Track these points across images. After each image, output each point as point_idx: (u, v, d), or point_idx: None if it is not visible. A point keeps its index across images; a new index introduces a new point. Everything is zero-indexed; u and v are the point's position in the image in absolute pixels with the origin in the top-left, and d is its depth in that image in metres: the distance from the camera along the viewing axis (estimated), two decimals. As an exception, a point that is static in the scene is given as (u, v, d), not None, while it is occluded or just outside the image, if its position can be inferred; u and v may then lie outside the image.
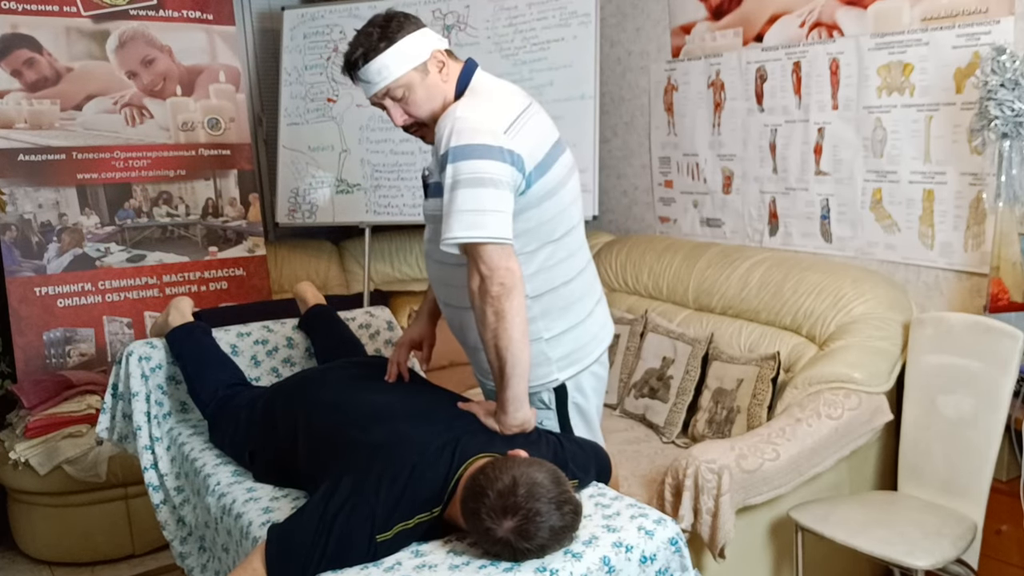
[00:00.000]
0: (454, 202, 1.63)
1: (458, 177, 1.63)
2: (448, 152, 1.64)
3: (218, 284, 3.78)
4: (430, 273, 1.94)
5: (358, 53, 1.75)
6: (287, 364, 2.50)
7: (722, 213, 3.46)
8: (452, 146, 1.64)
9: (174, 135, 3.71)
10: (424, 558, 1.51)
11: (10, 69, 3.38)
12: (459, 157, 1.63)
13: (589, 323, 1.91)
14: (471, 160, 1.63)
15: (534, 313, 1.78)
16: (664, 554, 1.53)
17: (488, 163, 1.64)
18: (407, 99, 1.77)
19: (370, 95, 1.80)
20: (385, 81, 1.75)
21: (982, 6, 2.48)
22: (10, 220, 3.36)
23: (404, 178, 3.81)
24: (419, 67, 1.76)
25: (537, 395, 1.86)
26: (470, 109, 1.70)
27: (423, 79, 1.76)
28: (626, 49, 3.77)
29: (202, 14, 3.76)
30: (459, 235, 1.62)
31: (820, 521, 2.20)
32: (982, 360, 2.29)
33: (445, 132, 1.67)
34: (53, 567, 3.17)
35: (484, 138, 1.65)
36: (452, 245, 1.65)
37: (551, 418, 1.88)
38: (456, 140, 1.64)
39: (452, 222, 1.63)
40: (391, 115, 1.81)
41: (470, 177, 1.63)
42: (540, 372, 1.83)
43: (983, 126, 2.34)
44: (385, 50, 1.73)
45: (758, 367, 2.65)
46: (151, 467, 2.27)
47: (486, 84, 1.82)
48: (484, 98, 1.76)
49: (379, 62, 1.74)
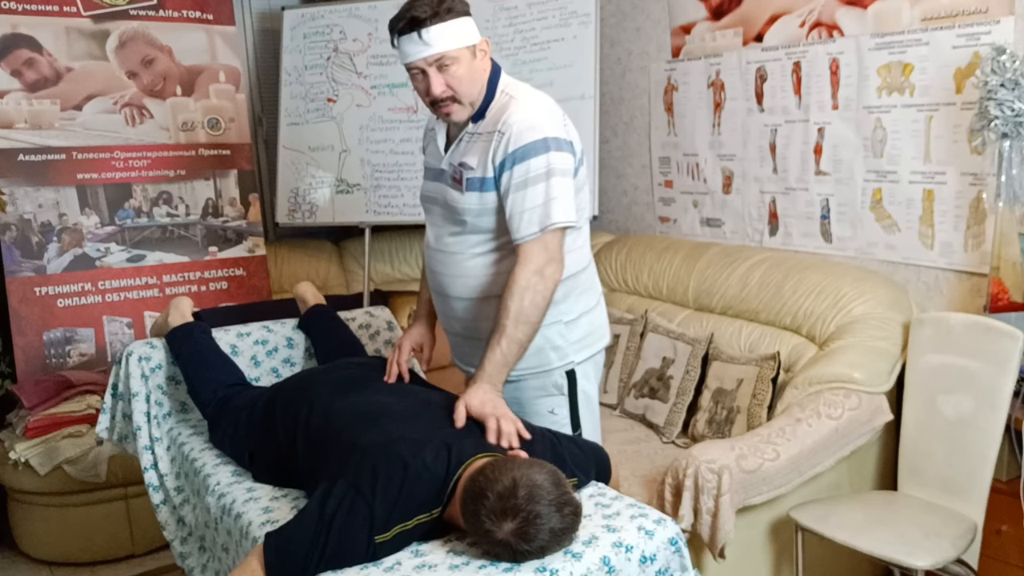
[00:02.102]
0: (536, 195, 1.76)
1: (530, 174, 1.76)
2: (518, 150, 1.76)
3: (218, 284, 3.78)
4: (447, 269, 1.95)
5: (426, 11, 1.75)
6: (287, 364, 2.50)
7: (722, 213, 3.46)
8: (524, 143, 1.76)
9: (174, 135, 3.71)
10: (424, 558, 1.51)
11: (10, 69, 3.38)
12: (531, 153, 1.76)
13: (598, 311, 2.04)
14: (544, 154, 1.76)
15: (558, 296, 1.85)
16: (664, 554, 1.53)
17: (559, 154, 1.79)
18: (453, 73, 1.80)
19: (420, 57, 1.78)
20: (445, 48, 1.77)
21: (982, 6, 2.48)
22: (10, 220, 3.36)
23: (404, 178, 3.81)
24: (471, 47, 1.82)
25: (551, 379, 1.93)
26: (528, 108, 1.81)
27: (471, 60, 1.82)
28: (626, 49, 3.77)
29: (202, 14, 3.76)
30: (554, 221, 1.75)
31: (820, 521, 2.20)
32: (982, 360, 2.29)
33: (510, 132, 1.78)
34: (53, 567, 3.17)
35: (551, 131, 1.79)
36: (533, 235, 1.75)
37: (563, 405, 1.95)
38: (529, 136, 1.76)
39: (536, 214, 1.75)
40: (431, 83, 1.80)
41: (546, 170, 1.76)
42: (557, 355, 1.92)
43: (983, 126, 2.34)
44: (453, 19, 1.78)
45: (758, 367, 2.65)
46: (151, 467, 2.27)
47: (521, 85, 1.91)
48: (533, 96, 1.87)
49: (447, 27, 1.77)
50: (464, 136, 1.89)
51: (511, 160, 1.77)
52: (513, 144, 1.77)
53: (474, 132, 1.87)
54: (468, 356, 2.03)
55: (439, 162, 1.95)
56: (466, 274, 1.92)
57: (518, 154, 1.77)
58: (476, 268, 1.90)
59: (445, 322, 2.06)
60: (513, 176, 1.77)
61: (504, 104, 1.85)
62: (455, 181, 1.87)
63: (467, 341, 2.01)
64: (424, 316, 2.18)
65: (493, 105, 1.86)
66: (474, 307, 1.93)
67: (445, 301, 2.00)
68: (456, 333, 2.04)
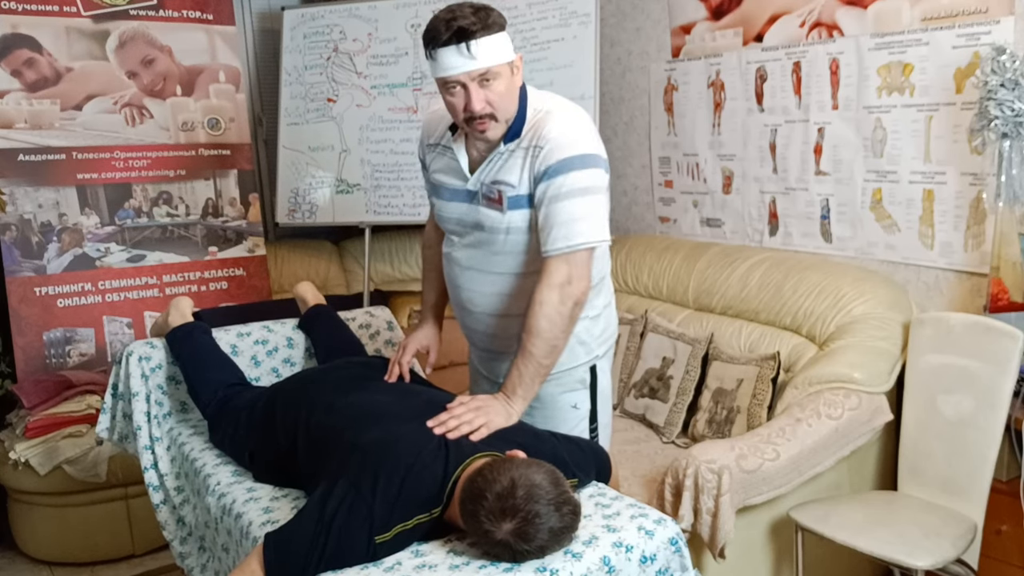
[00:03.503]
0: (568, 210, 1.73)
1: (566, 187, 1.73)
2: (555, 164, 1.73)
3: (218, 284, 3.78)
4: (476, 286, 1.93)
5: (474, 23, 1.67)
6: (287, 364, 2.50)
7: (722, 213, 3.46)
8: (562, 157, 1.73)
9: (174, 135, 3.71)
10: (424, 558, 1.51)
11: (10, 69, 3.38)
12: (568, 168, 1.73)
13: (613, 304, 2.06)
14: (581, 170, 1.74)
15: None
16: (664, 554, 1.53)
17: (595, 171, 1.77)
18: (494, 88, 1.73)
19: (464, 71, 1.69)
20: (491, 62, 1.70)
21: (982, 6, 2.48)
22: (10, 220, 3.36)
23: (404, 178, 3.82)
24: (511, 64, 1.76)
25: (577, 374, 1.95)
26: (566, 122, 1.78)
27: (510, 76, 1.76)
28: (626, 49, 3.77)
29: (202, 14, 3.76)
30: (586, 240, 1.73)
31: (820, 521, 2.20)
32: (982, 360, 2.29)
33: (548, 145, 1.74)
34: (53, 567, 3.17)
35: (588, 147, 1.76)
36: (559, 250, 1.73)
37: (585, 400, 1.97)
38: (568, 151, 1.73)
39: (567, 229, 1.73)
40: (471, 98, 1.71)
41: (582, 186, 1.74)
42: (584, 350, 1.94)
43: (983, 126, 2.34)
44: (497, 32, 1.71)
45: (758, 367, 2.65)
46: (151, 467, 2.27)
47: (554, 98, 1.86)
48: (569, 110, 1.82)
49: (493, 40, 1.70)
50: (496, 156, 1.82)
51: (548, 173, 1.74)
52: (552, 158, 1.73)
53: (509, 151, 1.81)
54: (494, 369, 2.04)
55: (463, 182, 1.88)
56: (499, 292, 1.90)
57: (554, 168, 1.73)
58: (509, 286, 1.89)
59: (469, 336, 2.05)
60: (549, 189, 1.74)
61: (541, 120, 1.79)
62: (493, 201, 1.83)
63: (492, 355, 2.02)
64: (431, 319, 2.18)
65: (528, 124, 1.80)
66: (503, 323, 1.93)
67: (471, 316, 1.98)
68: (482, 348, 2.04)
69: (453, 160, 1.90)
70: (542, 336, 1.73)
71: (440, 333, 2.18)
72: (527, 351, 1.74)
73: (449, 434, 1.64)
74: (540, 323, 1.73)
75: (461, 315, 2.02)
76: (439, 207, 1.96)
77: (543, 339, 1.73)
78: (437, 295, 2.16)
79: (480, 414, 1.69)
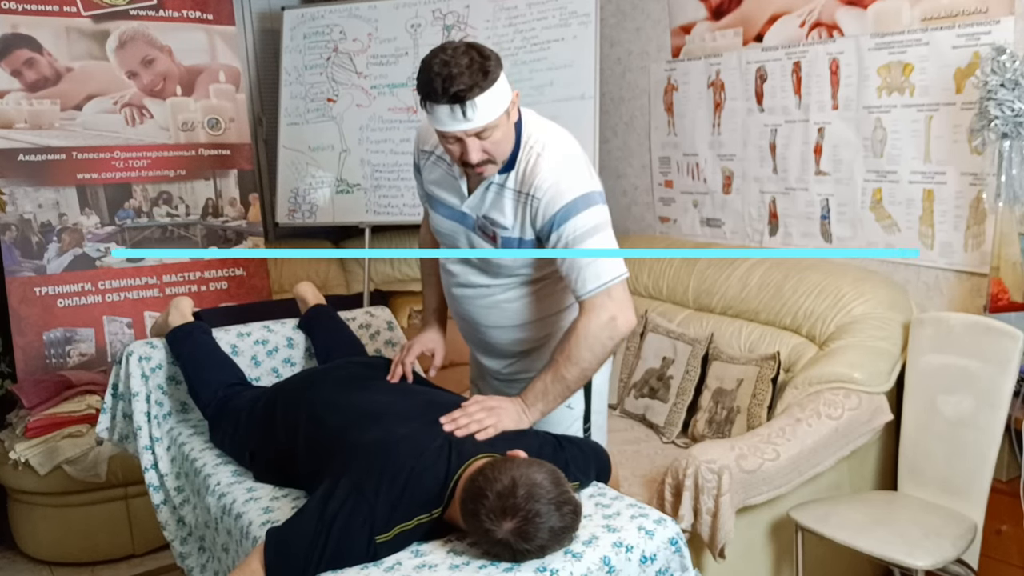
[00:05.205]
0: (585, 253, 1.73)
1: (578, 232, 1.72)
2: (558, 213, 1.72)
3: (218, 284, 3.78)
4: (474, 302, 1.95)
5: (466, 83, 1.62)
6: (287, 364, 2.50)
7: (722, 213, 3.46)
8: (563, 204, 1.72)
9: (174, 135, 3.71)
10: (424, 558, 1.51)
11: (10, 69, 3.38)
12: (572, 212, 1.72)
13: None
14: (585, 211, 1.73)
15: None
16: (664, 554, 1.53)
17: (598, 209, 1.76)
18: (491, 139, 1.70)
19: (459, 129, 1.67)
20: (486, 120, 1.66)
21: (982, 6, 2.48)
22: (10, 220, 3.36)
23: (404, 178, 3.81)
24: (507, 111, 1.71)
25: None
26: (555, 169, 1.75)
27: (507, 122, 1.73)
28: (626, 49, 3.77)
29: (202, 14, 3.76)
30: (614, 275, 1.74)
31: (820, 521, 2.20)
32: (982, 360, 2.29)
33: (545, 197, 1.73)
34: (53, 567, 3.17)
35: (581, 188, 1.74)
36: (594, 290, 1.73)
37: (579, 399, 1.98)
38: (566, 197, 1.72)
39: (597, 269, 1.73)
40: (467, 150, 1.70)
41: (592, 225, 1.74)
42: None
43: (983, 126, 2.34)
44: (491, 85, 1.65)
45: (758, 367, 2.65)
46: (151, 467, 2.27)
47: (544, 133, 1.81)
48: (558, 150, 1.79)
49: (488, 96, 1.65)
50: (489, 185, 1.81)
51: (555, 223, 1.73)
52: (552, 208, 1.73)
53: (501, 184, 1.80)
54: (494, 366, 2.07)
55: (459, 200, 1.87)
56: (496, 307, 1.93)
57: (559, 216, 1.73)
58: (506, 301, 1.92)
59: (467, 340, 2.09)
60: (560, 240, 1.74)
61: (532, 165, 1.76)
62: (486, 235, 1.84)
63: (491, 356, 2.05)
64: (435, 321, 2.18)
65: (520, 161, 1.78)
66: (498, 333, 1.97)
67: (470, 327, 2.02)
68: (480, 352, 2.07)
69: (450, 175, 1.89)
70: (580, 365, 1.75)
71: (445, 336, 2.19)
72: (560, 375, 1.76)
73: (457, 432, 1.65)
74: (582, 353, 1.74)
75: (462, 326, 2.06)
76: (435, 219, 1.97)
77: (580, 368, 1.75)
78: (439, 299, 2.17)
79: (492, 415, 1.70)
